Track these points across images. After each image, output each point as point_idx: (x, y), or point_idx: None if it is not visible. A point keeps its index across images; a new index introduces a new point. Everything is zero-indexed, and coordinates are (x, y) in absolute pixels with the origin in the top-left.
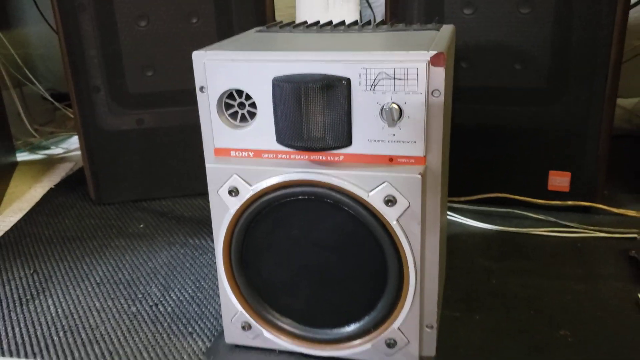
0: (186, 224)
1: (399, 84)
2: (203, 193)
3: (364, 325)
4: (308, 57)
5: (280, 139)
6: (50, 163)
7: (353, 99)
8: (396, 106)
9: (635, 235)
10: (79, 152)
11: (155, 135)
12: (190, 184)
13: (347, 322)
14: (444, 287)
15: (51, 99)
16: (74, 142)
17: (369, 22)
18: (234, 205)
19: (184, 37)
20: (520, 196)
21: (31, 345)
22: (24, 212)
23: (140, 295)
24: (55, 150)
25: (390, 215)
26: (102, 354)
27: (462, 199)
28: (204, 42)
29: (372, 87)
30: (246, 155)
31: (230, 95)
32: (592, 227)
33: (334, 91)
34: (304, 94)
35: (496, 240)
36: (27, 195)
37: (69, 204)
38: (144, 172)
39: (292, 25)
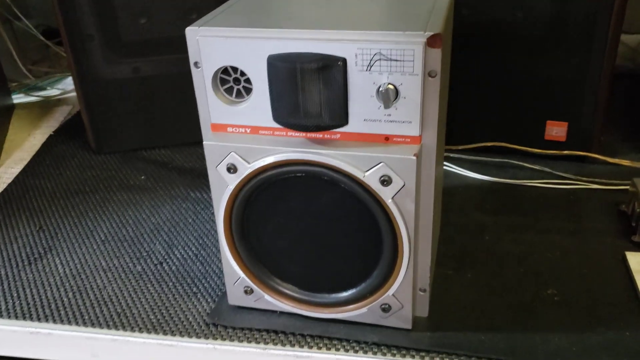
0: (187, 175)
1: (395, 65)
2: (201, 141)
3: (360, 291)
4: (304, 36)
5: (276, 118)
6: (47, 106)
7: (349, 79)
8: (392, 87)
9: (628, 187)
10: (75, 94)
11: (152, 83)
12: (189, 132)
13: (344, 288)
14: (438, 243)
15: (43, 38)
16: (69, 82)
17: None
18: (232, 181)
19: None
20: (517, 145)
21: (42, 308)
22: (25, 162)
23: (144, 254)
24: (52, 92)
25: (385, 193)
26: (111, 316)
27: (459, 147)
28: None
29: (369, 67)
30: (243, 131)
31: (225, 71)
32: (586, 179)
33: (330, 71)
34: (299, 73)
35: (492, 192)
36: (26, 144)
37: (70, 153)
38: (142, 120)
39: None
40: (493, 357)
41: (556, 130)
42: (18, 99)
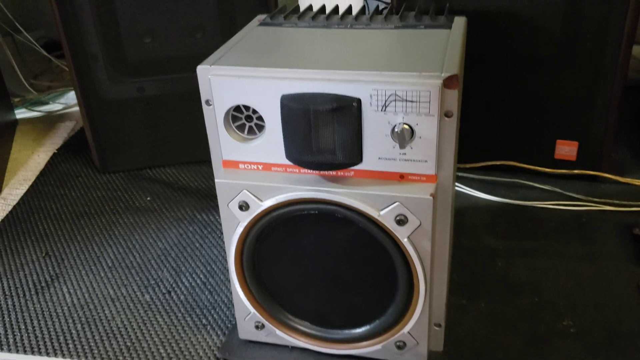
0: (193, 196)
1: (410, 106)
2: (207, 160)
3: (374, 328)
4: (317, 76)
5: (289, 156)
6: (50, 121)
7: (364, 119)
8: (408, 127)
9: None
10: (78, 108)
11: (156, 103)
12: (194, 151)
13: (358, 325)
14: (450, 269)
15: (44, 52)
16: (72, 97)
17: (377, 11)
18: (244, 218)
19: (181, 2)
20: (526, 164)
21: (51, 341)
22: (30, 182)
23: (152, 282)
24: (54, 107)
25: (401, 232)
26: (120, 349)
27: (468, 166)
28: (202, 7)
29: (384, 107)
30: (255, 167)
31: (237, 108)
32: (597, 200)
33: (345, 112)
34: (313, 115)
35: (502, 214)
36: (30, 162)
37: (74, 172)
38: (147, 140)
39: (298, 15)
40: None
41: (567, 149)
42: (20, 114)
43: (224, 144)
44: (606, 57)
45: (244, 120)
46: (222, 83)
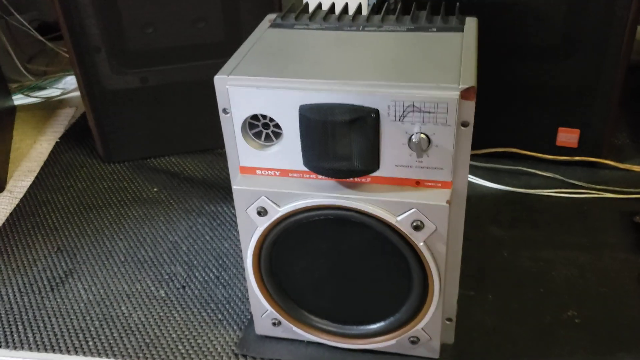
0: (199, 186)
1: (428, 116)
2: (211, 148)
3: (389, 325)
4: (336, 87)
5: (307, 164)
6: (49, 108)
7: (381, 129)
8: (425, 136)
9: None
10: (77, 94)
11: (160, 93)
12: (198, 140)
13: (373, 321)
14: None
15: (38, 35)
16: (70, 82)
17: (388, 10)
18: (262, 223)
19: None
20: (529, 151)
21: (70, 338)
22: (34, 173)
23: (166, 276)
24: (52, 92)
25: (417, 237)
26: (140, 346)
27: (472, 152)
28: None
29: (401, 118)
30: (272, 174)
31: (254, 116)
32: (598, 187)
33: (363, 122)
34: (331, 126)
35: (506, 202)
36: (33, 152)
37: (79, 162)
38: (151, 129)
39: (309, 16)
40: None
41: (568, 136)
42: (18, 100)
43: (241, 151)
44: (609, 46)
45: (261, 127)
46: (240, 93)
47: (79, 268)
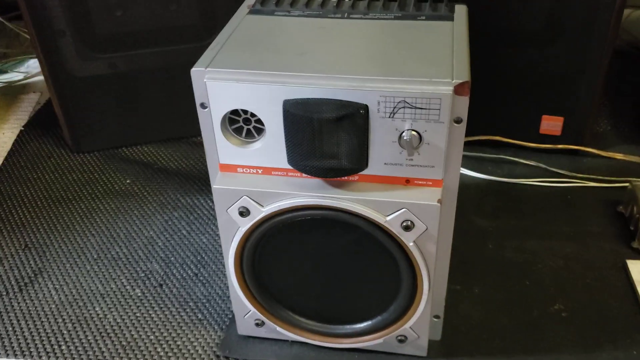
0: (174, 178)
1: (420, 113)
2: (185, 136)
3: (377, 324)
4: (322, 82)
5: (291, 162)
6: (12, 93)
7: (371, 126)
8: (416, 134)
9: (622, 184)
10: (41, 78)
11: (130, 79)
12: (170, 128)
13: (360, 320)
14: None
15: None
16: (33, 65)
17: None
18: (244, 224)
19: None
20: (512, 139)
21: (42, 343)
22: None
23: (142, 274)
24: (14, 76)
25: (407, 237)
26: (116, 349)
27: None
28: None
29: (392, 114)
30: (254, 172)
31: (234, 111)
32: (581, 175)
33: (351, 119)
34: (318, 123)
35: (490, 192)
36: None
37: (46, 152)
38: (122, 117)
39: (290, 1)
40: None
41: (552, 124)
42: None
43: (221, 148)
44: (595, 33)
45: (242, 123)
46: (219, 87)
47: (49, 267)
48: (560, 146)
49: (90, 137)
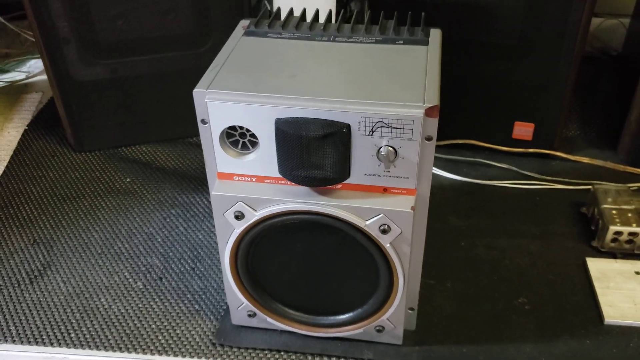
0: (172, 177)
1: (395, 132)
2: (181, 137)
3: (357, 316)
4: (310, 103)
5: (282, 172)
6: (15, 93)
7: (352, 142)
8: (392, 149)
9: (587, 187)
10: (43, 77)
11: (130, 83)
12: (168, 129)
13: (342, 312)
14: None
15: None
16: (35, 65)
17: (357, 19)
18: (239, 226)
19: None
20: (486, 143)
21: (53, 331)
22: (4, 163)
23: (143, 268)
24: (16, 75)
25: (384, 239)
26: (122, 338)
27: None
28: None
29: (371, 132)
30: (249, 179)
31: (231, 126)
32: (549, 178)
33: (335, 136)
34: (306, 139)
35: (464, 193)
36: (1, 140)
37: (49, 151)
38: (122, 119)
39: (281, 24)
40: None
41: (523, 130)
42: None
43: (219, 159)
44: (563, 46)
45: (238, 137)
46: (218, 106)
47: (57, 260)
48: (531, 150)
49: (92, 137)
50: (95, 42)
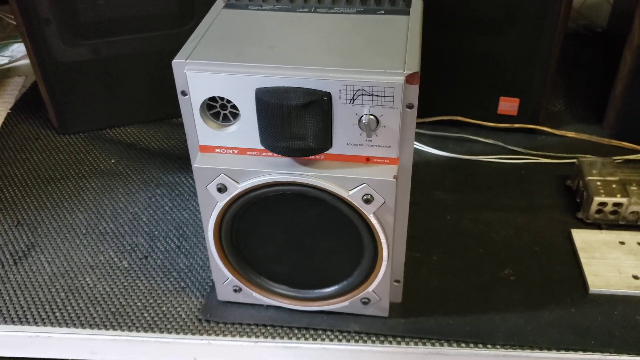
0: (157, 157)
1: (376, 100)
2: (166, 118)
3: (342, 288)
4: (291, 72)
5: (264, 143)
6: None
7: (334, 111)
8: (373, 118)
9: (573, 161)
10: (26, 62)
11: (113, 64)
12: (153, 110)
13: (327, 285)
14: None
15: None
16: (18, 49)
17: None
18: (222, 199)
19: None
20: (472, 119)
21: (37, 310)
22: None
23: (128, 247)
24: (0, 60)
25: (367, 209)
26: (107, 316)
27: (418, 121)
28: None
29: (352, 101)
30: (231, 152)
31: (212, 98)
32: (535, 152)
33: (316, 105)
34: (287, 108)
35: (450, 168)
36: None
37: (33, 134)
38: (106, 100)
39: None
40: (460, 340)
41: (508, 105)
42: None
43: (200, 131)
44: (546, 19)
45: (219, 108)
46: (197, 76)
47: (41, 241)
48: (516, 125)
49: (76, 119)
50: (76, 22)
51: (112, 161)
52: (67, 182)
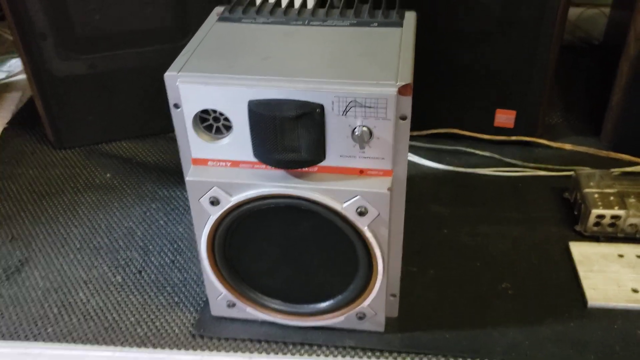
0: (152, 171)
1: (369, 111)
2: (161, 132)
3: (337, 303)
4: (283, 84)
5: (257, 155)
6: None
7: (326, 122)
8: (366, 129)
9: (569, 173)
10: (23, 77)
11: (109, 78)
12: (148, 124)
13: (322, 300)
14: None
15: None
16: (15, 64)
17: (332, 3)
18: (215, 212)
19: None
20: (468, 132)
21: (29, 326)
22: None
23: (122, 262)
24: None
25: (362, 222)
26: (99, 331)
27: (415, 133)
28: None
29: (345, 112)
30: (224, 165)
31: (204, 110)
32: (531, 165)
33: (309, 117)
34: (279, 120)
35: (446, 181)
36: None
37: (29, 148)
38: (101, 115)
39: (256, 9)
40: (457, 355)
41: (505, 117)
42: None
43: (192, 144)
44: (542, 31)
45: (212, 121)
46: (190, 89)
47: (35, 256)
48: (513, 138)
49: (72, 133)
50: (72, 36)
51: (108, 175)
52: (62, 197)
